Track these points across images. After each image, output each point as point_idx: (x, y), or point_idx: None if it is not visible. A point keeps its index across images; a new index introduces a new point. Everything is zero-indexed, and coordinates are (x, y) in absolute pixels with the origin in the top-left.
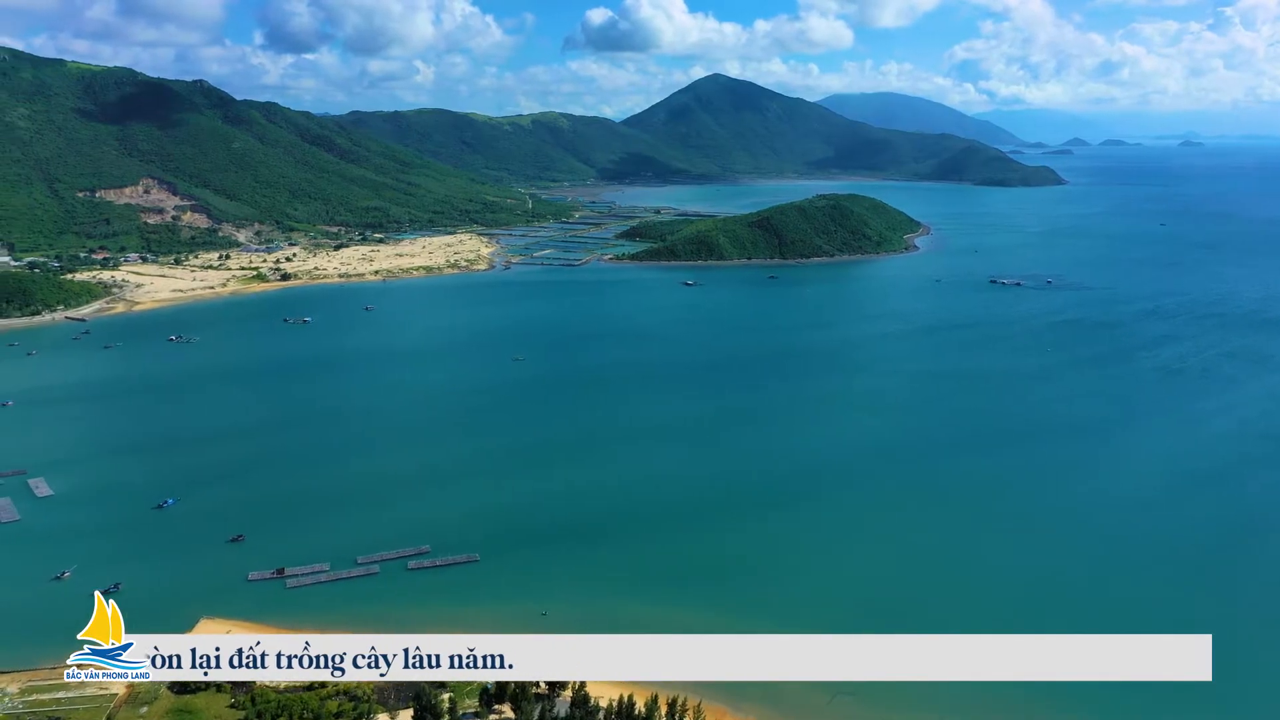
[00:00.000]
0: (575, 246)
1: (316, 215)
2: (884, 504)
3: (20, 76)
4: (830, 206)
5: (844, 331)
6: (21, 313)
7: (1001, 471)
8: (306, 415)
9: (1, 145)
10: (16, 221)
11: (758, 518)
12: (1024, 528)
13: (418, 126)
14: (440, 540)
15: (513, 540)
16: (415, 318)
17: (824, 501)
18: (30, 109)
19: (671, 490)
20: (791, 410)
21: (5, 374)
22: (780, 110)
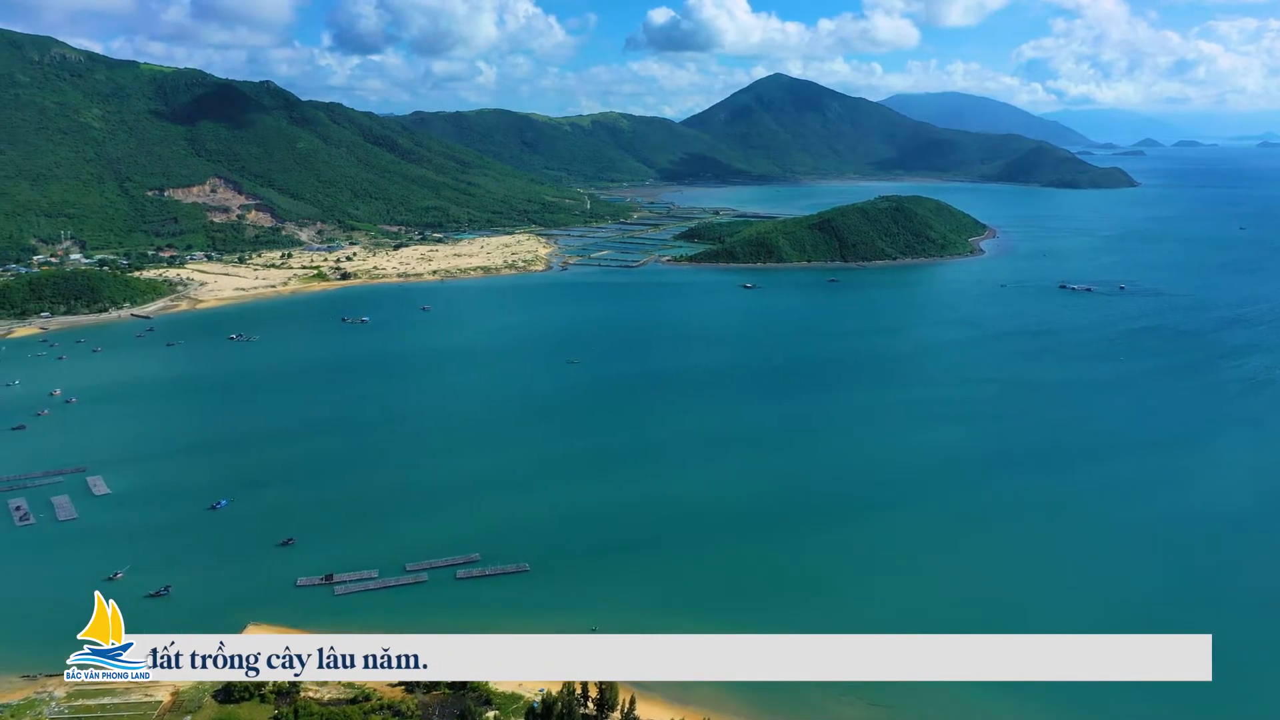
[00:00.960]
0: (633, 248)
1: (377, 215)
2: (950, 520)
3: (95, 78)
4: (893, 208)
5: (908, 338)
6: (90, 309)
7: (1078, 488)
8: (360, 417)
9: (76, 145)
10: (88, 219)
11: (818, 531)
12: (1101, 548)
13: (478, 127)
14: (490, 549)
15: (564, 551)
16: (471, 318)
17: (888, 516)
18: (104, 109)
19: (729, 501)
20: (854, 419)
21: (72, 370)
22: (842, 110)
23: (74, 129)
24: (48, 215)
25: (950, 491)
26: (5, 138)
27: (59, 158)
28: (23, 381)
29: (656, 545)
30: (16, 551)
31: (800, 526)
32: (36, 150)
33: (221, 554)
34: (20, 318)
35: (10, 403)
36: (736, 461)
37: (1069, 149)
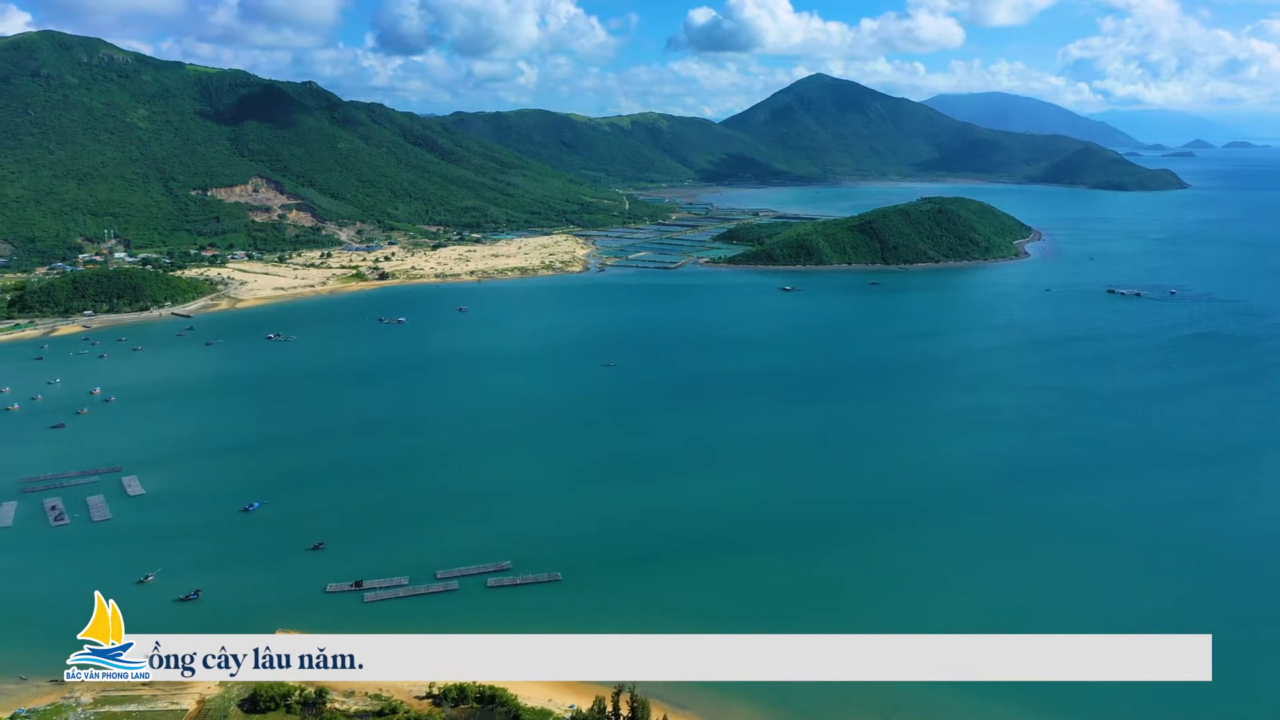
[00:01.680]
0: (671, 249)
1: (416, 215)
2: (995, 535)
3: (142, 79)
4: (935, 210)
5: (951, 343)
6: (132, 308)
7: (1134, 501)
8: (394, 419)
9: (122, 145)
10: (133, 219)
11: (858, 542)
12: (1160, 567)
13: (518, 127)
14: (522, 556)
15: (596, 560)
16: (507, 320)
17: (932, 528)
18: (150, 110)
19: (767, 509)
20: (895, 426)
21: (112, 369)
22: (884, 110)
23: (120, 129)
24: (94, 214)
25: (996, 503)
26: (54, 138)
27: (105, 157)
28: (64, 380)
29: (692, 555)
30: (50, 552)
31: (839, 537)
32: (84, 150)
33: (252, 558)
34: (64, 316)
35: (51, 401)
36: (775, 468)
37: (1116, 150)
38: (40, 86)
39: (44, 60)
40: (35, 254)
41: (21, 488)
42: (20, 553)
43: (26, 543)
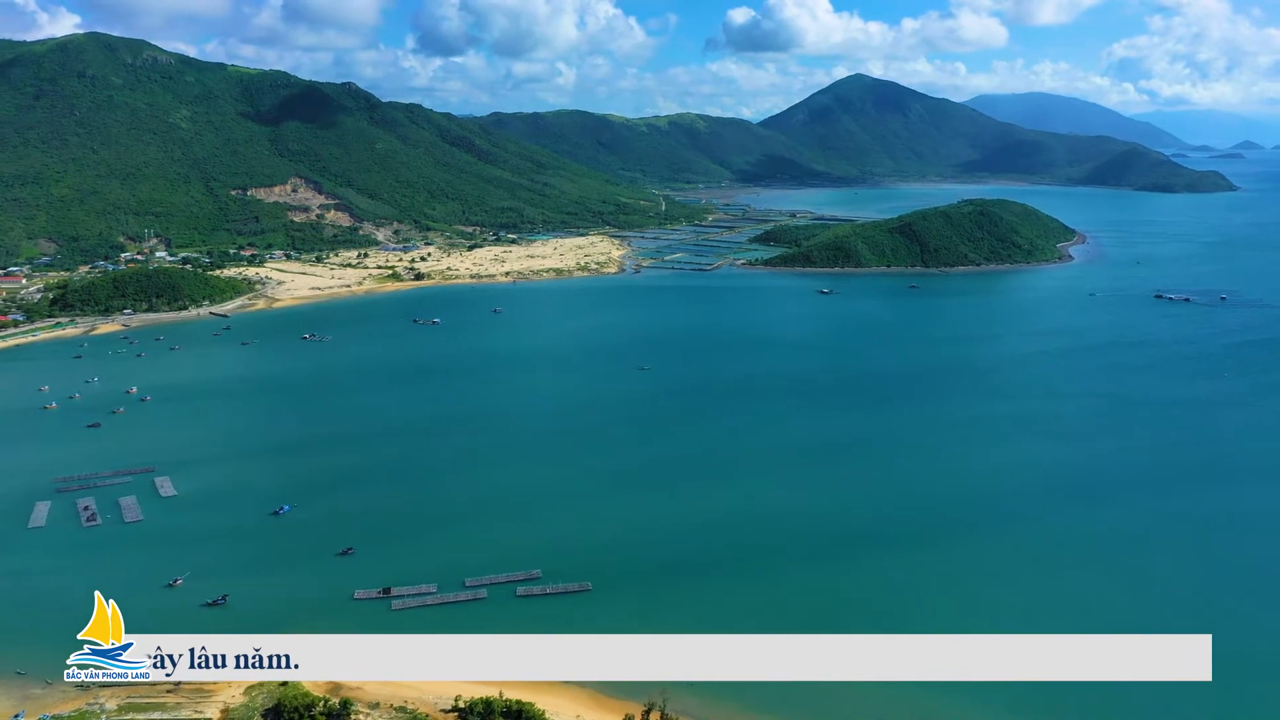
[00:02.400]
0: (707, 250)
1: (453, 215)
2: (1040, 549)
3: (185, 80)
4: (977, 212)
5: (995, 348)
6: (170, 307)
7: (1189, 516)
8: (426, 421)
9: (165, 145)
10: (174, 218)
11: (898, 554)
12: (1218, 588)
13: (555, 128)
14: (552, 565)
15: (627, 569)
16: (542, 321)
17: (972, 541)
18: (192, 110)
19: (804, 520)
20: (937, 433)
21: (149, 368)
22: (924, 111)
23: (163, 129)
24: (136, 214)
25: (1040, 516)
26: (99, 138)
27: (148, 157)
28: (102, 379)
29: (726, 565)
30: (81, 553)
31: (877, 548)
32: (127, 150)
33: (281, 562)
34: (104, 314)
35: (88, 400)
36: (812, 476)
37: (1162, 151)
38: (86, 87)
39: (89, 61)
40: (79, 253)
41: (56, 487)
42: (51, 554)
43: (58, 543)
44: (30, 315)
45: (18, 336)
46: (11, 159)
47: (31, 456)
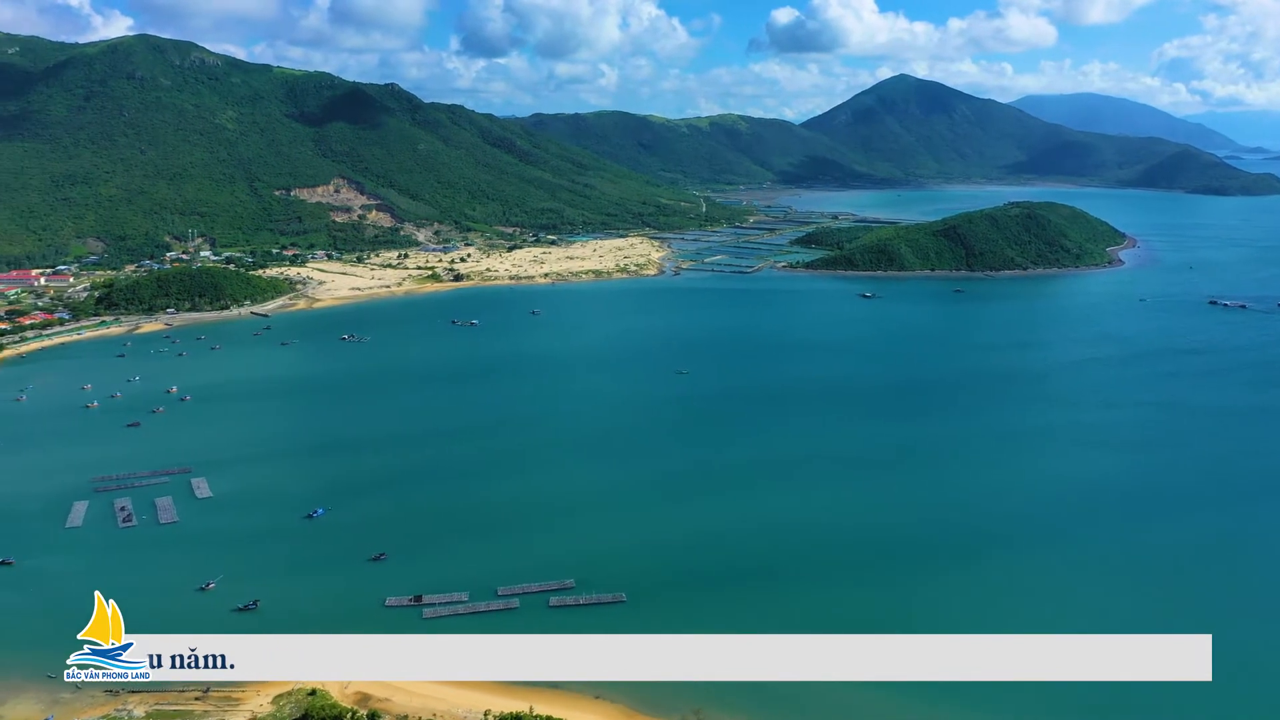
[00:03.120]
0: (748, 252)
1: (493, 216)
2: (1093, 567)
3: (231, 81)
4: (1024, 215)
5: (1044, 354)
6: (212, 306)
7: (1249, 534)
8: (462, 425)
9: (211, 146)
10: (219, 218)
11: (941, 570)
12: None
13: (596, 128)
14: (585, 574)
15: (662, 580)
16: (580, 324)
17: (1022, 559)
18: (238, 112)
19: (844, 532)
20: (984, 443)
21: (189, 368)
22: (970, 112)
23: (209, 130)
24: (182, 213)
25: (1097, 531)
26: (146, 138)
27: (194, 158)
28: (143, 378)
29: (763, 578)
30: (116, 554)
31: (921, 563)
32: (174, 150)
33: (313, 567)
34: (148, 313)
35: (130, 399)
36: (852, 486)
37: (1215, 153)
38: (135, 89)
39: (139, 63)
40: (125, 252)
41: (94, 487)
42: (86, 555)
43: (93, 544)
44: (76, 314)
45: (64, 335)
46: (62, 159)
47: (72, 455)
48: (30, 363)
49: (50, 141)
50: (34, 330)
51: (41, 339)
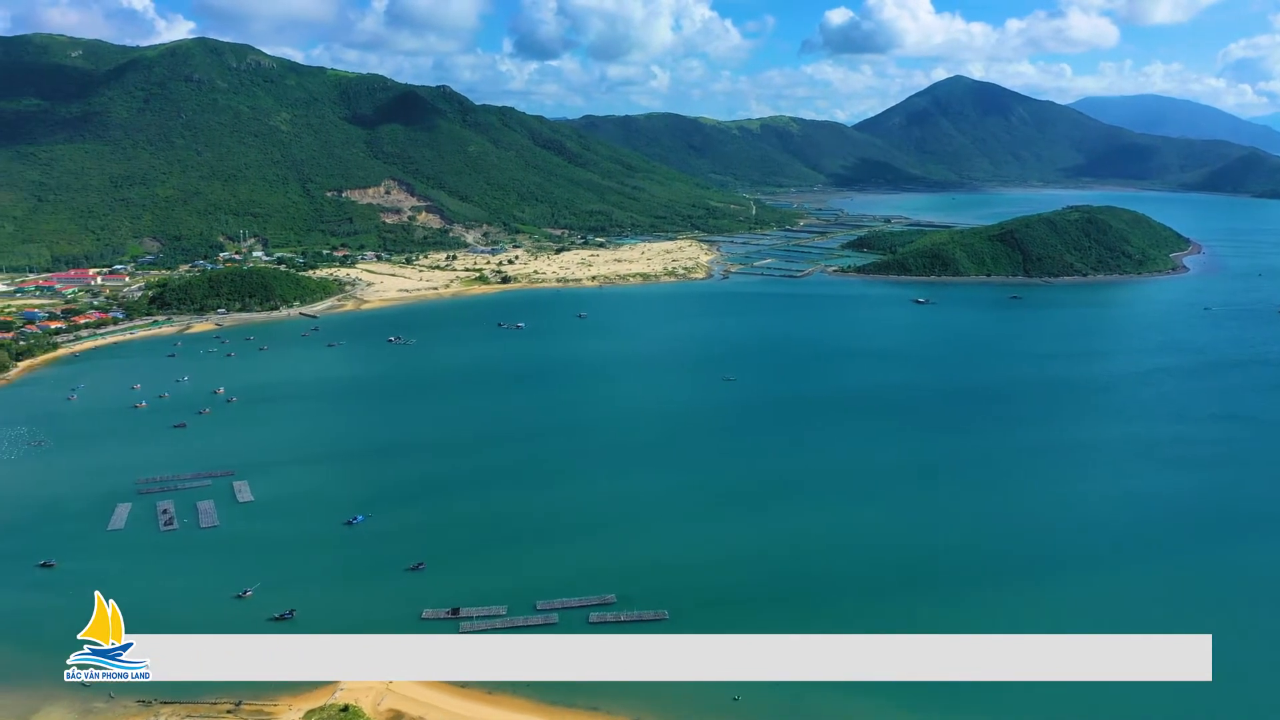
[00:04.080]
0: (798, 256)
1: (542, 218)
2: (1162, 594)
3: (286, 84)
4: (1084, 219)
5: (1106, 364)
6: (262, 307)
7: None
8: (504, 431)
9: (265, 147)
10: (272, 219)
11: (1001, 594)
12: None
13: (646, 130)
14: (627, 589)
15: (706, 597)
16: (626, 328)
17: (1081, 582)
18: (292, 114)
19: (897, 549)
20: (1044, 458)
21: (237, 368)
22: (1027, 114)
23: (264, 132)
24: (235, 214)
25: (1163, 555)
26: (203, 140)
27: (249, 159)
28: (191, 378)
29: (810, 598)
30: (156, 558)
31: (974, 585)
32: (230, 152)
33: (351, 576)
34: (199, 313)
35: (178, 399)
36: (907, 501)
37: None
38: (192, 91)
39: (197, 66)
40: (180, 252)
41: (138, 489)
42: (126, 558)
43: (134, 547)
44: (130, 313)
45: (117, 334)
46: (121, 160)
47: (118, 456)
48: (84, 361)
49: (110, 143)
50: (89, 329)
51: (95, 338)
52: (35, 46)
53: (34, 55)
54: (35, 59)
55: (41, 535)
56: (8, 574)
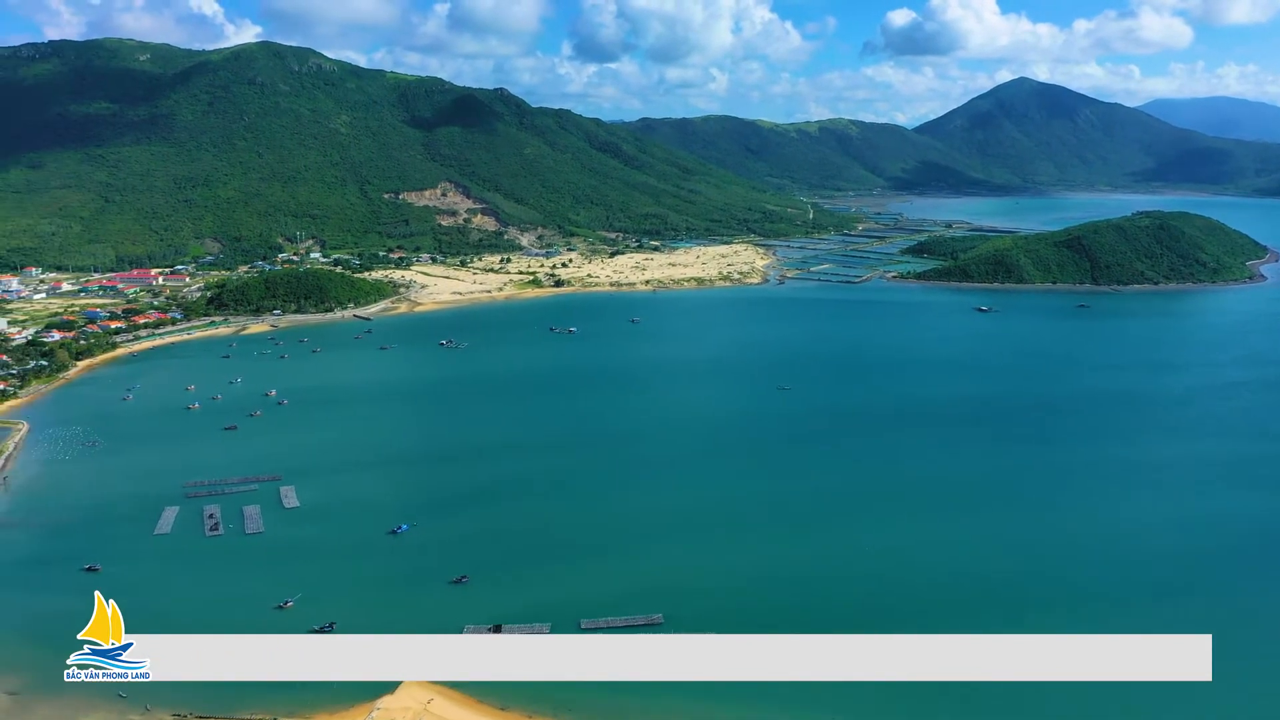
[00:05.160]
0: (856, 262)
1: (597, 221)
2: (1247, 629)
3: (346, 87)
4: (1155, 226)
5: (1183, 377)
6: (317, 309)
7: None
8: (553, 438)
9: (324, 149)
10: (330, 220)
11: (1076, 623)
12: None
13: (703, 133)
14: (675, 609)
15: (755, 620)
16: (680, 333)
17: (1168, 611)
18: (351, 116)
19: (955, 576)
20: (1116, 476)
21: (289, 370)
22: (1094, 116)
23: (324, 134)
24: (294, 215)
25: (1249, 586)
26: (264, 142)
27: (308, 161)
28: (245, 380)
29: (861, 624)
30: (200, 565)
31: (1041, 617)
32: (290, 154)
33: (393, 588)
34: (255, 314)
35: (230, 401)
36: (968, 522)
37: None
38: (255, 94)
39: (260, 69)
40: (240, 253)
41: (186, 492)
42: (171, 565)
43: (178, 553)
44: (188, 313)
45: (174, 334)
46: (185, 162)
47: (169, 458)
48: (141, 361)
49: (175, 145)
50: (147, 329)
51: (154, 338)
52: (106, 51)
53: (104, 59)
54: (105, 63)
55: (89, 538)
56: (52, 578)
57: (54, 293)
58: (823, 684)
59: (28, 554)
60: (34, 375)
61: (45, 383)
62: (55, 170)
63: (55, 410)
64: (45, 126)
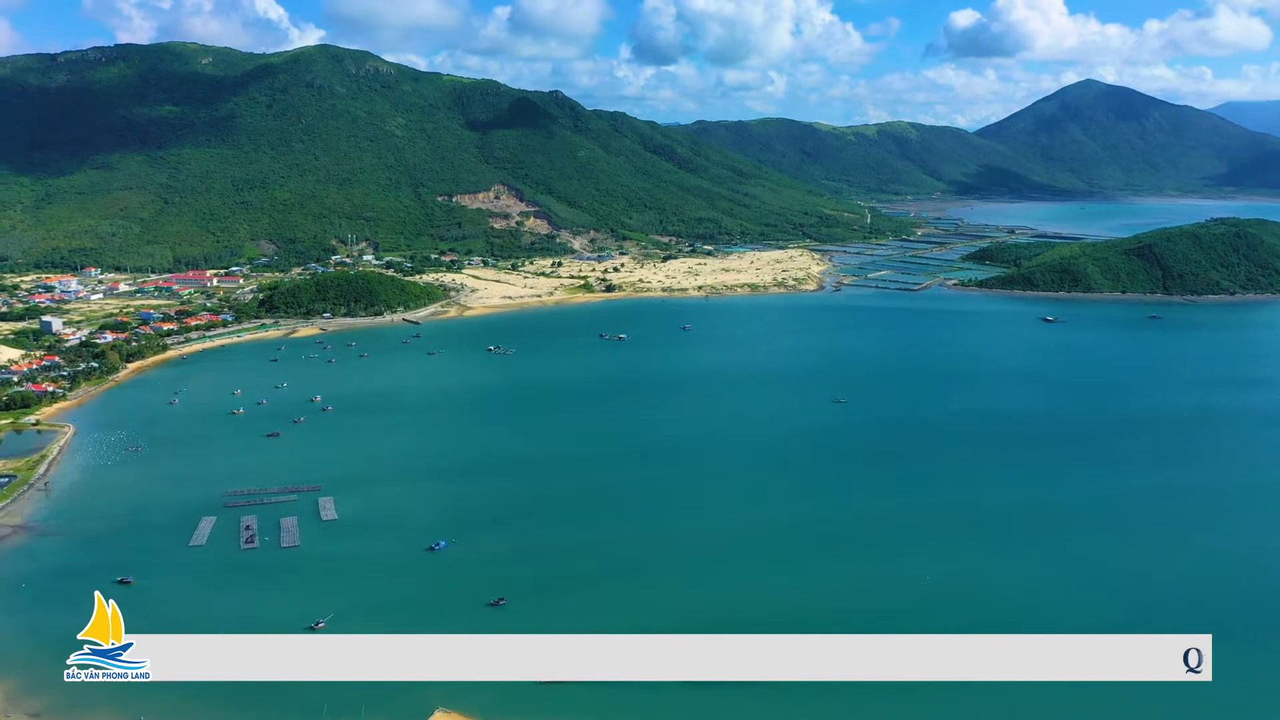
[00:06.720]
0: (915, 268)
1: (650, 224)
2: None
3: (402, 89)
4: (1232, 233)
5: (1269, 394)
6: (366, 312)
7: None
8: (598, 452)
9: (379, 152)
10: (383, 222)
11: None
12: None
13: (759, 136)
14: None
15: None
16: (732, 342)
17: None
18: (407, 119)
19: (1021, 613)
20: (1200, 503)
21: (335, 375)
22: (1163, 120)
23: (379, 137)
24: (348, 218)
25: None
26: (321, 144)
27: (364, 163)
28: (290, 384)
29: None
30: (233, 579)
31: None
32: (345, 156)
33: (428, 608)
34: (305, 318)
35: (274, 407)
36: (1038, 552)
37: None
38: (313, 96)
39: (318, 72)
40: (294, 254)
41: (224, 501)
42: (203, 577)
43: (212, 567)
44: (239, 315)
45: (225, 336)
46: (243, 164)
47: (210, 465)
48: (191, 364)
49: (234, 147)
50: (198, 331)
51: (204, 340)
52: (171, 54)
53: (169, 63)
54: (170, 67)
55: (124, 549)
56: (84, 590)
57: (111, 293)
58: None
59: (62, 564)
60: (84, 377)
61: (95, 385)
62: (120, 172)
63: (102, 413)
64: (111, 129)
